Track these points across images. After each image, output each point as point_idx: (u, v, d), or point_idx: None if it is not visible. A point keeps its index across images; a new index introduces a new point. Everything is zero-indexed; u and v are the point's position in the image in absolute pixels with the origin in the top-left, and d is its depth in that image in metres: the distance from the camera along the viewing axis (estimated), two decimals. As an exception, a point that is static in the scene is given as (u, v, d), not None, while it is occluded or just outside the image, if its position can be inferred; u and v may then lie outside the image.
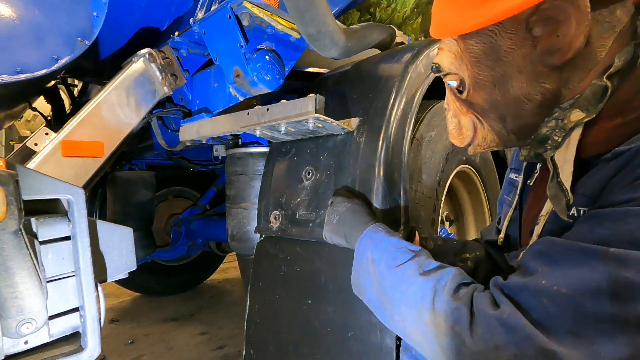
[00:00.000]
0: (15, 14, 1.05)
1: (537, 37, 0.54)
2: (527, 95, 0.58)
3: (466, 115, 0.66)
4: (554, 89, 0.57)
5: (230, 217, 1.57)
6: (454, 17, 0.58)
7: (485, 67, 0.59)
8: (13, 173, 0.73)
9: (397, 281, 0.68)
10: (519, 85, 0.58)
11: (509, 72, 0.57)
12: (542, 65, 0.56)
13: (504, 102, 0.60)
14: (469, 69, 0.61)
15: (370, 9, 1.87)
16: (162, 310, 2.95)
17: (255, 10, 1.14)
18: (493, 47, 0.57)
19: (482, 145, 0.67)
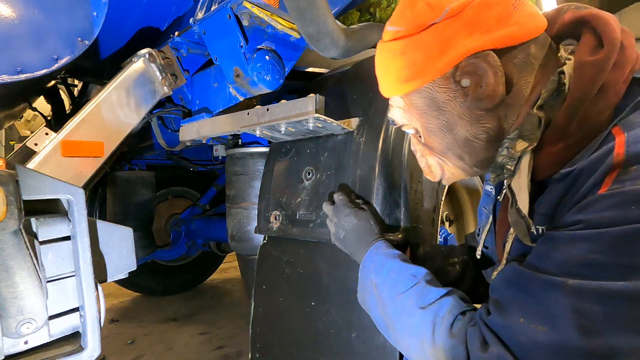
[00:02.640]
0: (15, 14, 1.05)
1: (466, 87, 0.60)
2: (473, 135, 0.63)
3: (430, 156, 0.71)
4: (495, 126, 0.62)
5: (230, 217, 1.57)
6: (394, 80, 0.65)
7: (430, 117, 0.65)
8: (13, 173, 0.73)
9: (399, 311, 0.73)
10: (464, 129, 0.63)
11: (452, 119, 0.63)
12: (478, 109, 0.61)
13: (457, 144, 0.65)
14: (419, 120, 0.67)
15: (370, 9, 1.87)
16: (162, 310, 2.95)
17: (255, 10, 1.14)
18: (433, 100, 0.63)
19: (452, 179, 0.73)
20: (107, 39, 1.44)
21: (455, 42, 0.58)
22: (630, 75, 0.55)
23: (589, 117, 0.54)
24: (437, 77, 0.61)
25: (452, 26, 0.58)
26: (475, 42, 0.57)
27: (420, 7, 0.59)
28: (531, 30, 0.58)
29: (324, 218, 1.10)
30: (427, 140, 0.68)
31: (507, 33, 0.57)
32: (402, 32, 0.62)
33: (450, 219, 1.75)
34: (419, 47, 0.60)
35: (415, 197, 1.19)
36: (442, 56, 0.59)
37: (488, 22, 0.57)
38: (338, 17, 1.59)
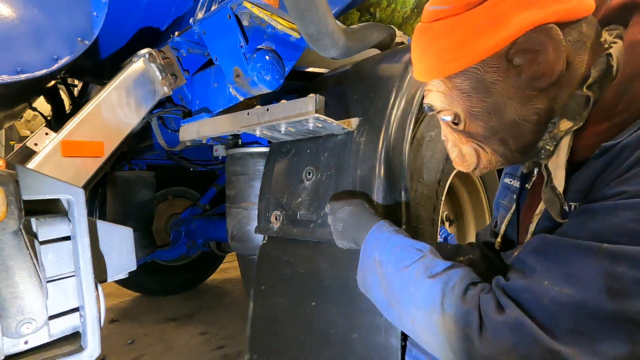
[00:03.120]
0: (15, 14, 1.05)
1: (519, 66, 0.57)
2: (522, 117, 0.60)
3: (466, 144, 0.67)
4: (546, 108, 0.59)
5: (230, 217, 1.57)
6: (436, 62, 0.61)
7: (476, 99, 0.61)
8: (13, 173, 0.73)
9: (405, 283, 0.69)
10: (512, 110, 0.60)
11: (500, 101, 0.59)
12: (530, 89, 0.58)
13: (503, 127, 0.62)
14: (461, 104, 0.63)
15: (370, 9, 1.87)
16: (162, 310, 2.95)
17: (255, 10, 1.14)
18: (480, 81, 0.59)
19: (488, 167, 0.69)
20: (107, 39, 1.44)
21: (510, 17, 0.54)
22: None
23: (638, 95, 0.52)
24: (489, 55, 0.57)
25: (506, 1, 0.54)
26: (534, 16, 0.54)
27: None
28: (586, 7, 0.56)
29: (325, 218, 1.10)
30: (468, 126, 0.64)
31: (567, 7, 0.54)
32: (447, 11, 0.58)
33: (450, 219, 1.75)
34: (467, 25, 0.56)
35: (415, 197, 1.19)
36: (496, 33, 0.55)
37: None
38: (338, 17, 1.59)
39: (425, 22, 0.62)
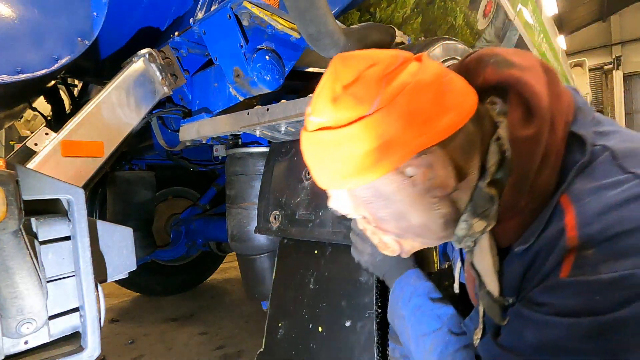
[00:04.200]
0: (15, 14, 1.05)
1: (414, 177, 0.54)
2: (429, 221, 0.59)
3: (385, 234, 0.65)
4: (450, 210, 0.58)
5: (230, 217, 1.57)
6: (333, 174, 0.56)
7: (378, 207, 0.59)
8: (13, 173, 0.73)
9: (420, 351, 0.74)
10: (417, 216, 0.58)
11: (403, 208, 0.58)
12: (430, 197, 0.56)
13: (412, 229, 0.60)
14: (366, 210, 0.61)
15: (370, 9, 1.87)
16: (162, 310, 2.95)
17: (255, 10, 1.14)
18: (379, 192, 0.56)
19: (414, 249, 0.68)
20: (107, 39, 1.44)
21: (394, 138, 0.50)
22: (567, 128, 0.54)
23: (537, 189, 0.53)
24: (379, 177, 0.53)
25: (386, 119, 0.50)
26: (416, 139, 0.51)
27: (345, 101, 0.51)
28: (467, 110, 0.54)
29: (323, 218, 1.10)
30: (379, 226, 0.63)
31: (447, 123, 0.51)
32: (328, 123, 0.53)
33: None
34: (352, 141, 0.51)
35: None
36: (383, 155, 0.51)
37: (424, 111, 0.50)
38: (338, 17, 1.59)
39: (308, 130, 0.56)
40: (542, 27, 4.13)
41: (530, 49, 3.79)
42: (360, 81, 0.51)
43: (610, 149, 0.51)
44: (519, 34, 3.37)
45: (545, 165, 0.52)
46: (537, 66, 0.57)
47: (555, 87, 0.55)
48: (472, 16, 2.59)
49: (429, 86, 0.51)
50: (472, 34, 2.70)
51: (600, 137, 0.54)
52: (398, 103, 0.50)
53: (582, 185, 0.49)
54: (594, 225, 0.45)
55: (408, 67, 0.52)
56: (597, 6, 12.24)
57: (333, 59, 0.56)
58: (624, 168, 0.48)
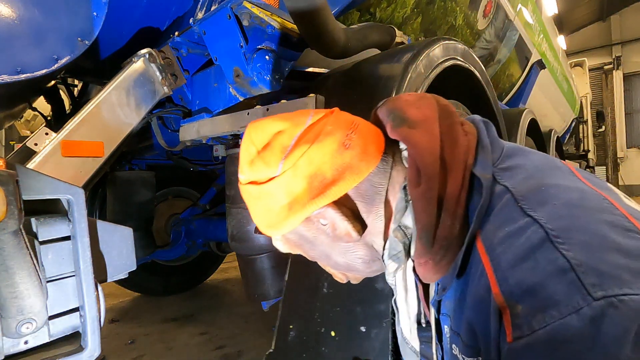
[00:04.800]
0: (15, 14, 1.05)
1: (325, 226, 0.61)
2: (350, 261, 0.65)
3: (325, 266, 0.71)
4: (367, 251, 0.64)
5: (230, 217, 1.57)
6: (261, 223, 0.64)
7: (307, 248, 0.66)
8: (13, 173, 0.73)
9: None
10: (339, 257, 0.65)
11: (325, 250, 0.65)
12: (344, 242, 0.62)
13: (340, 266, 0.67)
14: (299, 249, 0.68)
15: (370, 9, 1.87)
16: (162, 310, 2.95)
17: (255, 10, 1.14)
18: (303, 237, 0.64)
19: (359, 279, 0.72)
20: (107, 39, 1.44)
21: (297, 196, 0.57)
22: (467, 172, 0.55)
23: (443, 236, 0.54)
24: (293, 228, 0.61)
25: (291, 180, 0.57)
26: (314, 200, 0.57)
27: (257, 164, 0.59)
28: (365, 169, 0.58)
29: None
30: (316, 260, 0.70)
31: (342, 184, 0.57)
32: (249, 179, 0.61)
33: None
34: (269, 196, 0.59)
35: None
36: (291, 210, 0.58)
37: (322, 173, 0.57)
38: (338, 17, 1.59)
39: (241, 182, 0.65)
40: (542, 27, 4.13)
41: (530, 49, 3.79)
42: (268, 147, 0.59)
43: (511, 191, 0.52)
44: (519, 34, 3.37)
45: (447, 213, 0.54)
46: (430, 118, 0.59)
47: (453, 134, 0.57)
48: (472, 16, 2.59)
49: (326, 149, 0.57)
50: (472, 34, 2.70)
51: (504, 175, 0.55)
52: (299, 167, 0.57)
53: (491, 231, 0.50)
54: (509, 280, 0.45)
55: (314, 129, 0.59)
56: (597, 6, 12.23)
57: (248, 126, 0.63)
58: (525, 211, 0.49)
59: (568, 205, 0.48)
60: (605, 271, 0.40)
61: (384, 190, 0.61)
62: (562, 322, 0.40)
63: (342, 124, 0.60)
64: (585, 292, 0.40)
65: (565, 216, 0.46)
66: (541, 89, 4.34)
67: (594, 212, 0.47)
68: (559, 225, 0.45)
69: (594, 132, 8.18)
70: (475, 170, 0.55)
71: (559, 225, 0.45)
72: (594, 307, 0.39)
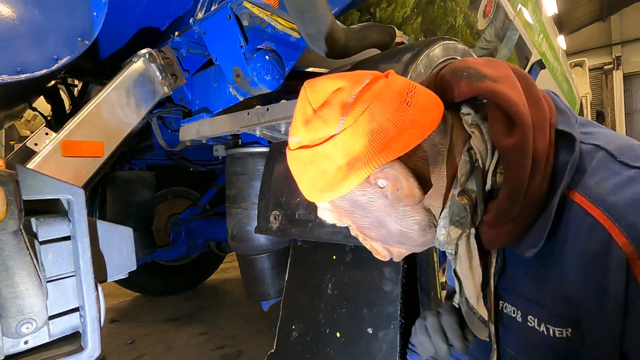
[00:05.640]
0: (15, 14, 1.05)
1: (384, 188, 0.59)
2: (406, 228, 0.63)
3: (373, 241, 0.69)
4: (424, 216, 0.62)
5: (230, 217, 1.57)
6: (311, 189, 0.62)
7: (359, 216, 0.64)
8: (13, 173, 0.73)
9: None
10: (394, 223, 0.63)
11: (380, 217, 0.62)
12: (402, 206, 0.60)
13: (392, 236, 0.65)
14: (348, 218, 0.66)
15: (370, 9, 1.87)
16: (162, 310, 2.95)
17: (255, 10, 1.14)
18: (356, 203, 0.61)
19: (403, 255, 0.70)
20: (107, 39, 1.44)
21: (359, 154, 0.56)
22: (552, 130, 0.55)
23: (532, 195, 0.53)
24: (351, 189, 0.59)
25: (351, 138, 0.55)
26: (377, 155, 0.55)
27: (315, 123, 0.57)
28: (429, 125, 0.57)
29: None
30: (363, 232, 0.67)
31: (406, 140, 0.56)
32: (304, 143, 0.59)
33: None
34: (325, 158, 0.57)
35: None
36: (350, 170, 0.56)
37: (383, 130, 0.55)
38: (338, 17, 1.59)
39: (290, 149, 0.63)
40: (542, 27, 4.12)
41: (530, 49, 3.79)
42: (327, 105, 0.57)
43: (604, 148, 0.52)
44: (519, 34, 3.37)
45: (537, 171, 0.52)
46: (510, 75, 0.58)
47: (532, 93, 0.57)
48: (472, 16, 2.59)
49: (388, 105, 0.56)
50: (472, 34, 2.70)
51: (588, 137, 0.55)
52: (360, 123, 0.55)
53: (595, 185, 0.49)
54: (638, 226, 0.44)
55: (372, 88, 0.57)
56: (597, 6, 12.23)
57: (304, 85, 0.61)
58: (627, 164, 0.48)
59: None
60: None
61: (446, 151, 0.60)
62: None
63: (401, 83, 0.59)
64: None
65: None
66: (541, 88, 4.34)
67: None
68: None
69: (594, 132, 8.17)
70: (560, 127, 0.54)
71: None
72: None
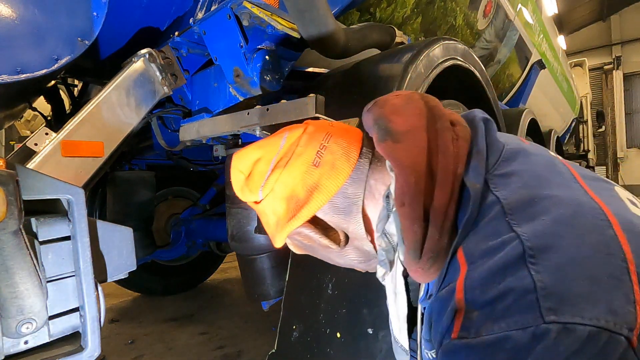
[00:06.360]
0: (15, 14, 1.05)
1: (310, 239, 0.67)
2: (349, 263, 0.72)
3: None
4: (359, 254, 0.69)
5: (230, 217, 1.57)
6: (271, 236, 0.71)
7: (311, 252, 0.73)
8: (13, 173, 0.73)
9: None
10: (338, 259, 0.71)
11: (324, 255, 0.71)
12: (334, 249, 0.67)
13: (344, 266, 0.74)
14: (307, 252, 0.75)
15: (370, 9, 1.87)
16: (162, 310, 2.95)
17: (255, 10, 1.14)
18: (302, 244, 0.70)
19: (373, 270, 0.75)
20: (107, 39, 1.44)
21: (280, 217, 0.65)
22: (457, 181, 0.53)
23: (431, 249, 0.53)
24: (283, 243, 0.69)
25: (272, 202, 0.65)
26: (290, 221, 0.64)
27: (245, 191, 0.67)
28: (334, 185, 0.62)
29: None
30: None
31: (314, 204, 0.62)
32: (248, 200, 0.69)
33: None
34: (263, 214, 0.68)
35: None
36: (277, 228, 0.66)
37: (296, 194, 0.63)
38: (338, 17, 1.59)
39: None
40: (542, 27, 4.13)
41: (530, 49, 3.79)
42: (250, 176, 0.66)
43: (501, 203, 0.51)
44: (519, 34, 3.37)
45: (434, 229, 0.53)
46: (417, 127, 0.56)
47: (441, 141, 0.55)
48: (472, 16, 2.59)
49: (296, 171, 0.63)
50: (472, 34, 2.70)
51: (499, 182, 0.53)
52: (276, 191, 0.64)
53: (475, 244, 0.50)
54: (476, 290, 0.46)
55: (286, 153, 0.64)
56: (597, 6, 12.23)
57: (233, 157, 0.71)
58: (510, 226, 0.48)
59: (556, 222, 0.47)
60: (566, 298, 0.41)
61: (361, 200, 0.64)
62: (507, 334, 0.42)
63: (314, 140, 0.64)
64: (538, 314, 0.41)
65: (549, 234, 0.46)
66: (541, 89, 4.34)
67: (583, 231, 0.46)
68: (539, 244, 0.45)
69: (594, 132, 8.18)
70: (465, 178, 0.54)
71: (539, 243, 0.45)
72: (540, 328, 0.40)
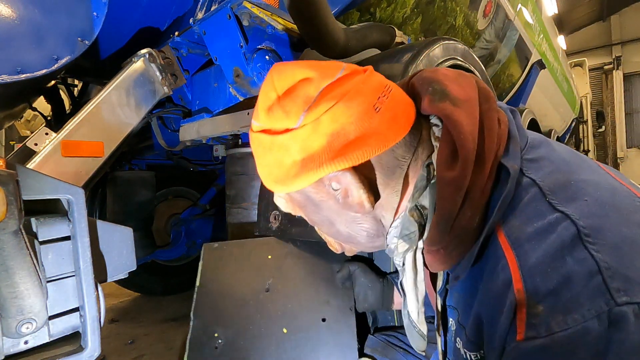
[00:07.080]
0: (15, 14, 1.05)
1: (337, 191, 0.57)
2: (354, 232, 0.62)
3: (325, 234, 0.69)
4: (373, 226, 0.61)
5: (230, 217, 1.57)
6: (267, 177, 0.60)
7: (311, 211, 0.63)
8: (13, 173, 0.73)
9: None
10: (343, 226, 0.62)
11: (330, 216, 0.61)
12: (352, 212, 0.59)
13: (341, 236, 0.64)
14: (301, 211, 0.65)
15: (370, 9, 1.87)
16: (162, 310, 2.95)
17: (255, 10, 1.14)
18: (309, 198, 0.60)
19: (354, 252, 0.70)
20: (107, 39, 1.44)
21: (314, 154, 0.53)
22: (496, 162, 0.52)
23: (461, 227, 0.51)
24: (302, 188, 0.57)
25: (310, 135, 0.52)
26: (332, 161, 0.53)
27: (276, 112, 0.53)
28: (392, 138, 0.54)
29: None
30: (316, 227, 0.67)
31: (365, 150, 0.53)
32: (264, 127, 0.56)
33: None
34: (282, 149, 0.54)
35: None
36: (304, 168, 0.54)
37: (346, 133, 0.52)
38: (338, 17, 1.59)
39: (252, 130, 0.59)
40: (542, 27, 4.12)
41: (530, 49, 3.79)
42: (290, 95, 0.53)
43: (538, 184, 0.49)
44: (519, 34, 3.37)
45: (469, 204, 0.51)
46: (472, 99, 0.55)
47: (489, 121, 0.54)
48: (472, 16, 2.59)
49: (354, 108, 0.52)
50: (472, 34, 2.70)
51: (530, 166, 0.53)
52: (322, 122, 0.52)
53: (518, 227, 0.48)
54: (536, 278, 0.43)
55: (343, 84, 0.53)
56: (597, 6, 12.22)
57: (273, 67, 0.58)
58: (554, 206, 0.46)
59: (600, 203, 0.45)
60: (633, 277, 0.39)
61: (406, 165, 0.57)
62: (584, 326, 0.39)
63: (375, 84, 0.55)
64: (609, 297, 0.39)
65: (596, 214, 0.44)
66: (541, 89, 4.34)
67: (627, 212, 0.45)
68: (591, 224, 0.43)
69: (594, 132, 8.18)
70: (503, 160, 0.52)
71: (590, 223, 0.43)
72: (615, 312, 0.38)
